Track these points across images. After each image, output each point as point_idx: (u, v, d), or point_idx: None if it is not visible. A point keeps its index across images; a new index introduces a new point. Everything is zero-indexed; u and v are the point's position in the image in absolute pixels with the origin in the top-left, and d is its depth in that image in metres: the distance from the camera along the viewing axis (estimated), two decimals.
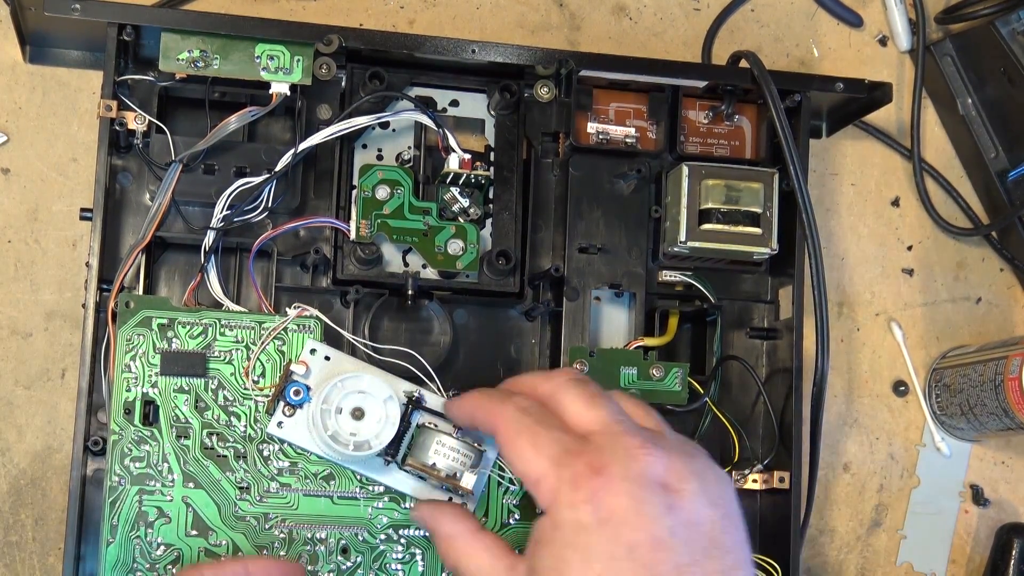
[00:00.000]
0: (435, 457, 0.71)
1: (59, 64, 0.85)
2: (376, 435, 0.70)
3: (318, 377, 0.72)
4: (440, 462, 0.71)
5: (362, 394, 0.71)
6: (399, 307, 0.82)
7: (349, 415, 0.70)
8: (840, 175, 0.95)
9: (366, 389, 0.71)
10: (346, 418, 0.70)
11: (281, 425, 0.72)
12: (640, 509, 0.59)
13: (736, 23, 0.95)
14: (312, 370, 0.72)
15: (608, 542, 0.58)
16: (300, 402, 0.72)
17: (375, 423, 0.70)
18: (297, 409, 0.72)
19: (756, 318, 0.87)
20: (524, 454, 0.61)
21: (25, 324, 0.84)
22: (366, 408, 0.70)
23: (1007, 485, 0.95)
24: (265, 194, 0.78)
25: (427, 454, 0.71)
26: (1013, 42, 0.90)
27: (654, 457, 0.60)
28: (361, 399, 0.70)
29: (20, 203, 0.84)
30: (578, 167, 0.83)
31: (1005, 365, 0.86)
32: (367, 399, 0.71)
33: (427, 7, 0.91)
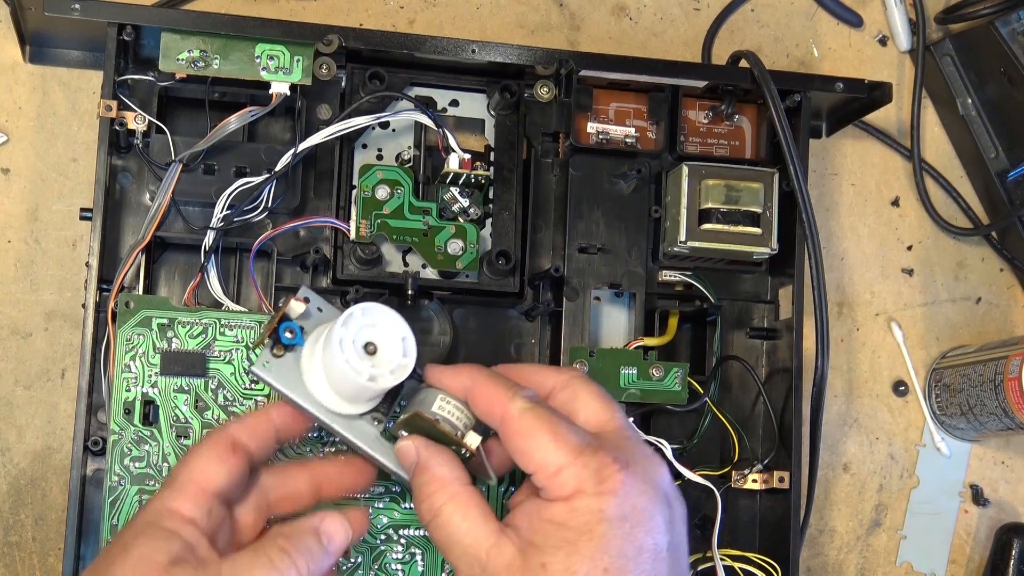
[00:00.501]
0: (439, 412, 0.65)
1: (59, 64, 0.85)
2: (392, 370, 0.64)
3: (310, 324, 0.67)
4: (442, 416, 0.65)
5: (374, 328, 0.65)
6: (399, 307, 0.82)
7: (361, 349, 0.64)
8: (840, 175, 0.95)
9: (380, 323, 0.65)
10: (359, 351, 0.64)
11: (268, 365, 0.66)
12: (655, 514, 0.60)
13: (736, 23, 0.95)
14: (306, 315, 0.67)
15: (623, 538, 0.58)
16: (292, 343, 0.66)
17: (391, 358, 0.64)
18: (287, 352, 0.66)
19: (756, 318, 0.87)
20: (543, 445, 0.60)
21: (25, 324, 0.84)
22: (379, 343, 0.65)
23: (1007, 485, 0.95)
24: (265, 194, 0.78)
25: (431, 410, 0.65)
26: (1013, 42, 0.90)
27: (664, 469, 0.63)
28: (374, 333, 0.65)
29: (20, 203, 0.84)
30: (578, 167, 0.83)
31: (1005, 365, 0.86)
32: (380, 334, 0.65)
33: (427, 7, 0.91)
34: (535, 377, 0.66)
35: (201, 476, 0.62)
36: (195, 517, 0.61)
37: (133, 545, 0.59)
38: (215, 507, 0.62)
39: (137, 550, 0.59)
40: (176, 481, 0.62)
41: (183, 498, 0.61)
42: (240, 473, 0.63)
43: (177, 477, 0.62)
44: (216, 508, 0.62)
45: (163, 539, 0.59)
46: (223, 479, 0.62)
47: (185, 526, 0.60)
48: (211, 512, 0.62)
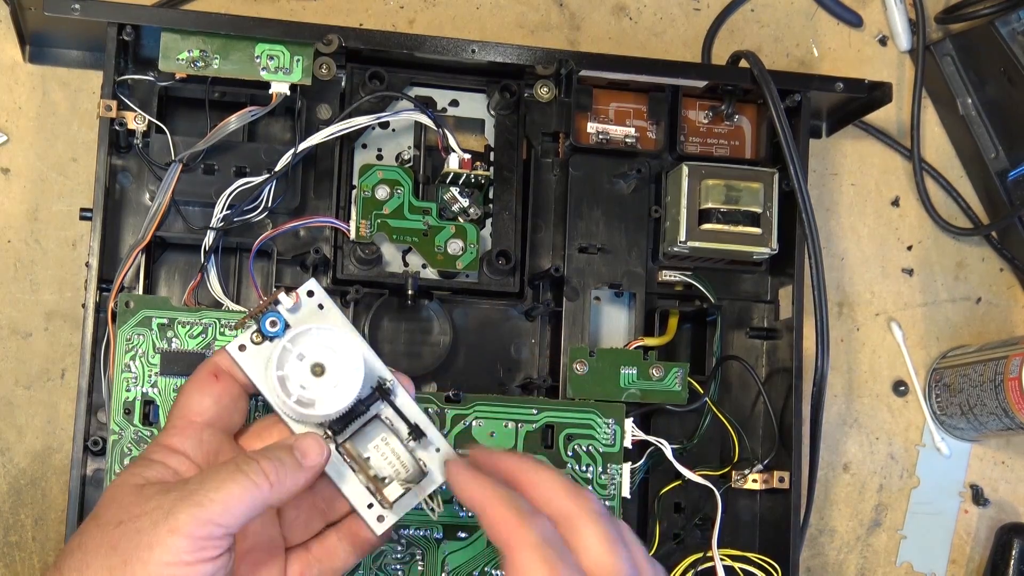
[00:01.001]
0: (373, 452, 0.65)
1: (59, 64, 0.85)
2: (324, 400, 0.63)
3: (300, 320, 0.65)
4: (375, 459, 0.65)
5: (332, 352, 0.63)
6: (399, 307, 0.82)
7: (308, 367, 0.63)
8: (840, 175, 0.95)
9: (338, 349, 0.63)
10: (304, 368, 0.63)
11: (243, 349, 0.64)
12: None
13: (736, 23, 0.95)
14: (298, 309, 0.65)
15: None
16: (271, 334, 0.64)
17: (330, 387, 0.63)
18: (266, 341, 0.65)
19: (756, 318, 0.87)
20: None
21: (25, 324, 0.84)
22: (328, 368, 0.63)
23: (1007, 485, 0.95)
24: (265, 194, 0.78)
25: (366, 446, 0.65)
26: (1013, 42, 0.90)
27: None
28: (327, 356, 0.63)
29: (20, 203, 0.84)
30: (578, 167, 0.83)
31: (1005, 365, 0.86)
32: (334, 360, 0.63)
33: (427, 7, 0.91)
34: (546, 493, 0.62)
35: (188, 410, 0.64)
36: (183, 448, 0.63)
37: (122, 475, 0.61)
38: (206, 435, 0.63)
39: (119, 478, 0.61)
40: (168, 420, 0.65)
41: (172, 434, 0.63)
42: (228, 397, 0.64)
43: (169, 416, 0.65)
44: (209, 437, 0.63)
45: (144, 467, 0.61)
46: (208, 407, 0.64)
47: (171, 455, 0.62)
48: (202, 441, 0.63)
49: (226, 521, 0.58)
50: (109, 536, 0.58)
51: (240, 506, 0.59)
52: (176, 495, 0.58)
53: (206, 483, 0.59)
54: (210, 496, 0.58)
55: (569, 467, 0.77)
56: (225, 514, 0.58)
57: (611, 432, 0.78)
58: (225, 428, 0.65)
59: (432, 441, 0.66)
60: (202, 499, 0.58)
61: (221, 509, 0.58)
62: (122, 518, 0.58)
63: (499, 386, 0.83)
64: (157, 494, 0.59)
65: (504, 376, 0.84)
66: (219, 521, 0.58)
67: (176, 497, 0.58)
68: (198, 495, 0.58)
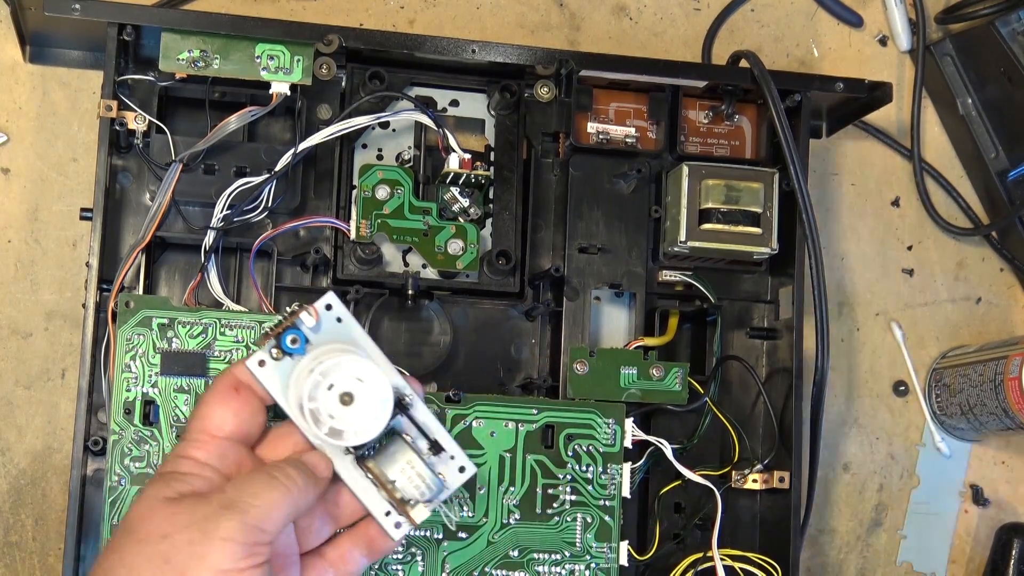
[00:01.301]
0: (398, 475, 0.66)
1: (59, 64, 0.85)
2: (356, 431, 0.64)
3: (321, 336, 0.66)
4: (401, 482, 0.66)
5: (360, 382, 0.64)
6: (399, 307, 0.82)
7: (337, 396, 0.64)
8: (840, 175, 0.95)
9: (366, 380, 0.64)
10: (333, 398, 0.64)
11: (263, 364, 0.65)
12: None
13: (736, 23, 0.95)
14: (319, 325, 0.66)
15: None
16: (292, 351, 0.65)
17: (361, 419, 0.64)
18: (286, 356, 0.65)
19: (756, 318, 0.87)
20: None
21: (25, 324, 0.84)
22: (357, 397, 0.64)
23: (1007, 485, 0.95)
24: (265, 194, 0.78)
25: (392, 468, 0.66)
26: (1013, 42, 0.90)
27: None
28: (357, 386, 0.64)
29: (20, 203, 0.84)
30: (578, 167, 0.83)
31: (1005, 365, 0.86)
32: (363, 389, 0.64)
33: (427, 7, 0.91)
34: None
35: (210, 423, 0.64)
36: (208, 460, 0.63)
37: (147, 490, 0.62)
38: (229, 449, 0.64)
39: (148, 492, 0.61)
40: (189, 432, 0.64)
41: (193, 446, 0.63)
42: (248, 411, 0.65)
43: (189, 428, 0.64)
44: (230, 450, 0.64)
45: (174, 481, 0.62)
46: (229, 421, 0.64)
47: (199, 468, 0.63)
48: (225, 455, 0.63)
49: (270, 527, 0.60)
50: (156, 550, 0.58)
51: (280, 512, 0.61)
52: (218, 504, 0.59)
53: (245, 491, 0.60)
54: (253, 503, 0.60)
55: (569, 467, 0.77)
56: (268, 520, 0.60)
57: (611, 432, 0.78)
58: (245, 440, 0.65)
59: (447, 451, 0.68)
60: (246, 506, 0.59)
61: (264, 515, 0.60)
62: (167, 531, 0.59)
63: (499, 386, 0.83)
64: (197, 505, 0.60)
65: (504, 376, 0.84)
66: (264, 527, 0.60)
67: (219, 506, 0.59)
68: (241, 503, 0.60)
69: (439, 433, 0.68)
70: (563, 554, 0.76)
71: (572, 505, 0.77)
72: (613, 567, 0.77)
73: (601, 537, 0.77)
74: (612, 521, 0.77)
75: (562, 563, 0.76)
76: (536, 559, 0.76)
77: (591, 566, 0.76)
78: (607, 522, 0.77)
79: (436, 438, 0.67)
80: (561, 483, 0.77)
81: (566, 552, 0.76)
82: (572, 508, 0.77)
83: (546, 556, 0.76)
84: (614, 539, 0.77)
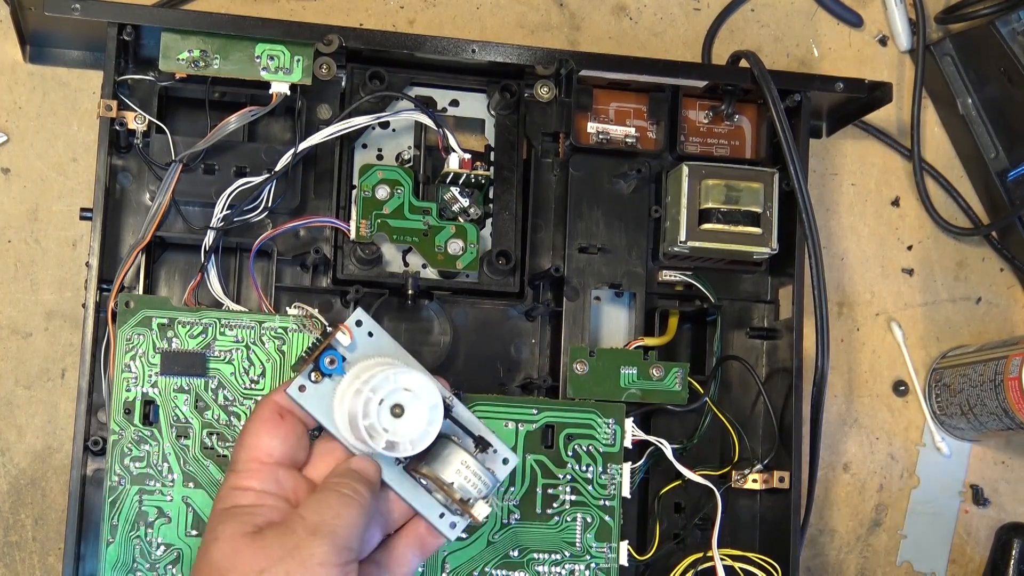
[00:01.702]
0: (455, 476, 0.66)
1: (59, 64, 0.85)
2: (412, 440, 0.65)
3: (356, 352, 0.67)
4: (459, 483, 0.66)
5: (408, 392, 0.65)
6: (399, 307, 0.82)
7: (389, 410, 0.64)
8: (840, 175, 0.95)
9: (415, 389, 0.65)
10: (385, 412, 0.64)
11: (303, 390, 0.66)
12: None
13: (736, 23, 0.95)
14: (354, 343, 0.67)
15: None
16: (331, 372, 0.66)
17: (415, 428, 0.65)
18: (325, 378, 0.66)
19: (756, 318, 0.87)
20: None
21: (25, 324, 0.84)
22: (407, 408, 0.65)
23: (1007, 485, 0.95)
24: (265, 194, 0.78)
25: (448, 470, 0.66)
26: (1013, 42, 0.90)
27: None
28: (406, 397, 0.65)
29: (20, 203, 0.84)
30: (578, 167, 0.83)
31: (1005, 365, 0.86)
32: (411, 399, 0.65)
33: (427, 7, 0.91)
34: None
35: (259, 452, 0.64)
36: (265, 488, 0.63)
37: (219, 529, 0.62)
38: (282, 475, 0.64)
39: (224, 531, 0.61)
40: (238, 463, 0.65)
41: (247, 476, 0.64)
42: (295, 436, 0.65)
43: (237, 458, 0.65)
44: (283, 474, 0.64)
45: (244, 515, 0.62)
46: (277, 447, 0.65)
47: (261, 497, 0.63)
48: (280, 481, 0.64)
49: (355, 544, 0.61)
50: None
51: (359, 527, 0.62)
52: (304, 531, 0.60)
53: (325, 513, 0.61)
54: (337, 523, 0.61)
55: (569, 467, 0.77)
56: (353, 537, 0.61)
57: (611, 432, 0.78)
58: (294, 465, 0.66)
59: (492, 445, 0.70)
60: (332, 527, 0.60)
61: (350, 533, 0.61)
62: (262, 565, 0.59)
63: (499, 386, 0.83)
64: (283, 536, 0.60)
65: (504, 376, 0.84)
66: (351, 545, 0.61)
67: (306, 533, 0.60)
68: (326, 525, 0.60)
69: (483, 430, 0.69)
70: (563, 554, 0.76)
71: (572, 505, 0.77)
72: (613, 567, 0.77)
73: (601, 537, 0.77)
74: (612, 521, 0.77)
75: (562, 563, 0.76)
76: (536, 559, 0.76)
77: (591, 566, 0.76)
78: (607, 522, 0.77)
79: (480, 435, 0.69)
80: (561, 483, 0.77)
81: (566, 552, 0.76)
82: (572, 508, 0.77)
83: (546, 556, 0.76)
84: (614, 539, 0.77)
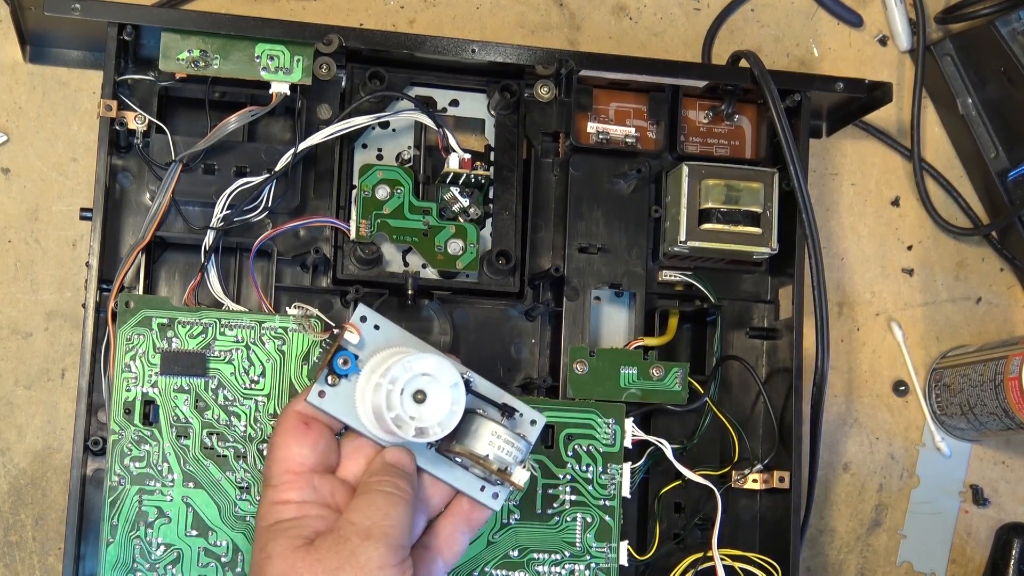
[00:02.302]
0: (489, 448, 0.66)
1: (59, 64, 0.85)
2: (439, 422, 0.65)
3: (366, 349, 0.67)
4: (493, 454, 0.66)
5: (426, 376, 0.65)
6: (399, 307, 0.82)
7: (411, 397, 0.64)
8: (840, 175, 0.95)
9: (432, 372, 0.65)
10: (408, 400, 0.64)
11: (323, 395, 0.66)
12: None
13: (736, 23, 0.95)
14: (362, 340, 0.67)
15: None
16: (347, 372, 0.66)
17: (439, 409, 0.65)
18: (342, 379, 0.66)
19: (756, 318, 0.87)
20: None
21: (25, 324, 0.84)
22: (429, 392, 0.65)
23: (1007, 485, 0.95)
24: (265, 194, 0.78)
25: (480, 444, 0.66)
26: (1013, 42, 0.90)
27: None
28: (425, 382, 0.65)
29: (20, 203, 0.84)
30: (578, 167, 0.83)
31: (1005, 365, 0.86)
32: (431, 382, 0.65)
33: (427, 7, 0.91)
34: None
35: (292, 463, 0.65)
36: (304, 498, 0.64)
37: (270, 546, 0.62)
38: (317, 481, 0.65)
39: (275, 548, 0.62)
40: (272, 477, 0.65)
41: (284, 489, 0.64)
42: (323, 442, 0.66)
43: (271, 473, 0.65)
44: (319, 481, 0.65)
45: (291, 528, 0.62)
46: (308, 456, 0.65)
47: (305, 508, 0.63)
48: (317, 488, 0.64)
49: (406, 540, 0.62)
50: None
51: (407, 523, 0.63)
52: (356, 537, 0.61)
53: (374, 515, 0.62)
54: (386, 523, 0.61)
55: (569, 467, 0.77)
56: (403, 535, 0.62)
57: (611, 432, 0.78)
58: (328, 469, 0.66)
59: (518, 409, 0.70)
60: (383, 528, 0.61)
61: (401, 531, 0.62)
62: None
63: (499, 386, 0.83)
64: (336, 544, 0.61)
65: (504, 376, 0.84)
66: (403, 543, 0.62)
67: (359, 538, 0.61)
68: (377, 527, 0.61)
69: (505, 397, 0.70)
70: (563, 554, 0.76)
71: (572, 505, 0.77)
72: (613, 567, 0.77)
73: (601, 537, 0.77)
74: (612, 521, 0.77)
75: (562, 563, 0.76)
76: (536, 559, 0.76)
77: (591, 566, 0.76)
78: (607, 522, 0.77)
79: (504, 402, 0.69)
80: (561, 483, 0.77)
81: (566, 552, 0.76)
82: (572, 508, 0.77)
83: (546, 556, 0.76)
84: (614, 539, 0.77)
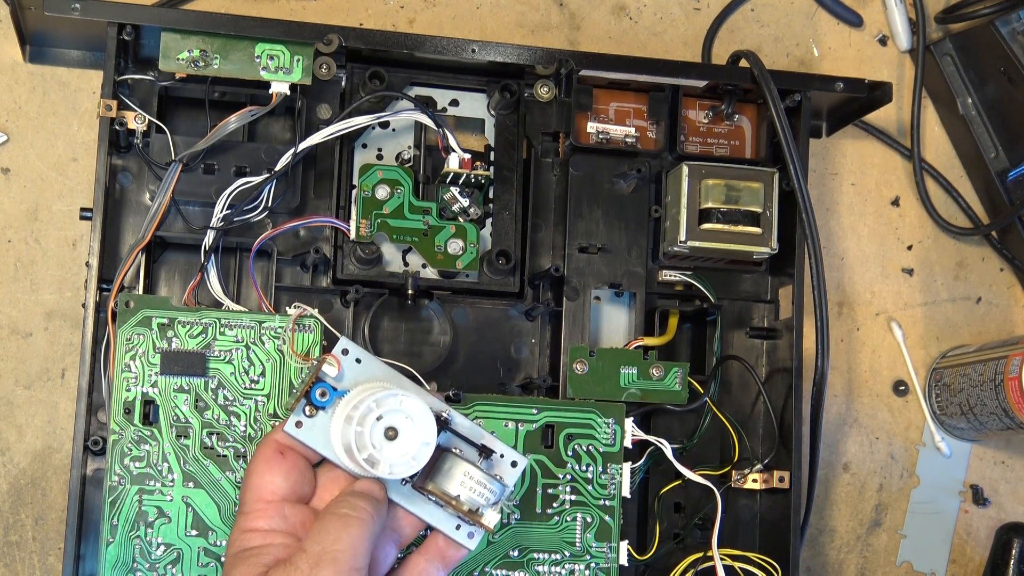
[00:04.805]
0: (460, 489, 0.66)
1: (59, 64, 0.85)
2: (411, 459, 0.65)
3: (346, 380, 0.68)
4: (464, 495, 0.66)
5: (399, 413, 0.65)
6: (399, 307, 0.82)
7: (382, 433, 0.65)
8: (840, 175, 0.95)
9: (405, 411, 0.65)
10: (379, 436, 0.65)
11: (300, 425, 0.67)
12: None
13: (736, 23, 0.95)
14: (342, 372, 0.68)
15: None
16: (324, 404, 0.67)
17: (410, 448, 0.65)
18: (319, 410, 0.67)
19: (756, 318, 0.87)
20: None
21: (25, 324, 0.84)
22: (401, 429, 0.65)
23: (1007, 485, 0.95)
24: (265, 194, 0.78)
25: (452, 484, 0.66)
26: (1013, 42, 0.90)
27: None
28: (398, 419, 0.65)
29: (20, 203, 0.84)
30: (578, 167, 0.83)
31: (1005, 365, 0.86)
32: (403, 419, 0.65)
33: (427, 7, 0.91)
34: None
35: (263, 491, 0.65)
36: (272, 527, 0.64)
37: (232, 573, 0.63)
38: (287, 510, 0.65)
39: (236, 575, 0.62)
40: (244, 505, 0.66)
41: (254, 517, 0.65)
42: (297, 472, 0.66)
43: (244, 500, 0.66)
44: (289, 511, 0.65)
45: (252, 556, 0.63)
46: (283, 486, 0.65)
47: (269, 537, 0.64)
48: (287, 517, 0.65)
49: (361, 563, 0.62)
50: None
51: (362, 544, 0.62)
52: (307, 564, 0.61)
53: (324, 540, 0.61)
54: (338, 548, 0.61)
55: (569, 467, 0.77)
56: (357, 556, 0.62)
57: (611, 432, 0.78)
58: (301, 500, 0.66)
59: (496, 451, 0.69)
60: (334, 554, 0.61)
61: (353, 554, 0.61)
62: None
63: (499, 386, 0.83)
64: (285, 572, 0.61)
65: (504, 376, 0.84)
66: (357, 565, 0.61)
67: (309, 565, 0.60)
68: (327, 553, 0.61)
69: (484, 437, 0.69)
70: (563, 554, 0.76)
71: (572, 505, 0.77)
72: (613, 567, 0.77)
73: (601, 537, 0.77)
74: (612, 521, 0.77)
75: (562, 563, 0.76)
76: (536, 559, 0.76)
77: (591, 566, 0.76)
78: (607, 522, 0.77)
79: (482, 443, 0.69)
80: (561, 483, 0.77)
81: (566, 552, 0.76)
82: (572, 508, 0.77)
83: (546, 556, 0.76)
84: (614, 539, 0.77)
